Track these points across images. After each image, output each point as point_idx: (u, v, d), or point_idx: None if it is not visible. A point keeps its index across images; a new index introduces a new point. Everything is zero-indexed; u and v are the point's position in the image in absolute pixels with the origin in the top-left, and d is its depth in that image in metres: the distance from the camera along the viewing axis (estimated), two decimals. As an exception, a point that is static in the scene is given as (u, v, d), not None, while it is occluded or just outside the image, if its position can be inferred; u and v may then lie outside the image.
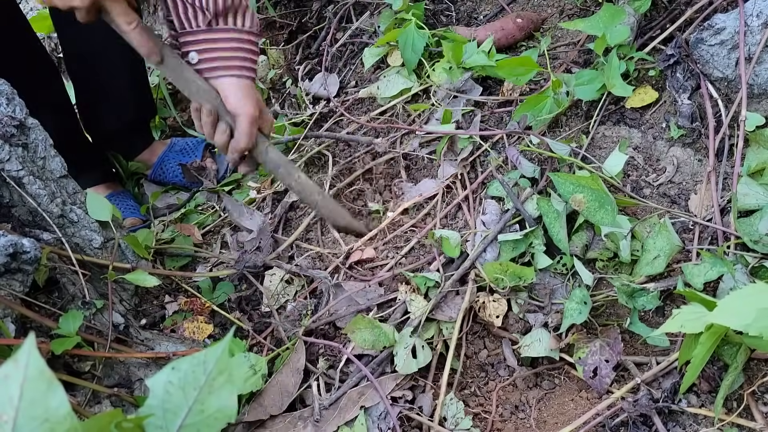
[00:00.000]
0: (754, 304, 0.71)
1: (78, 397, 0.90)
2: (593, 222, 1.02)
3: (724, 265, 0.92)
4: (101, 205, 1.06)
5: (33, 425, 0.37)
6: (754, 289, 0.74)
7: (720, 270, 0.93)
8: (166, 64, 0.92)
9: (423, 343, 1.01)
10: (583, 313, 0.96)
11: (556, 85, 1.19)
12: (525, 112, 1.20)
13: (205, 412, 0.39)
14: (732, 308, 0.72)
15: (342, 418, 0.96)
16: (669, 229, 0.99)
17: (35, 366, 0.37)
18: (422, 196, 1.25)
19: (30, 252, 0.88)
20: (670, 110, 1.15)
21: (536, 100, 1.20)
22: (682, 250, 0.99)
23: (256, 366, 1.02)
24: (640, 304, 0.96)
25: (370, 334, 1.00)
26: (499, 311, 1.03)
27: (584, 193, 1.03)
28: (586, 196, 1.02)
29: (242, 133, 0.93)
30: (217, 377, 0.39)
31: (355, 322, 1.00)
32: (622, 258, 0.99)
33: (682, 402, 0.88)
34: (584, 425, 0.91)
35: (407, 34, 1.36)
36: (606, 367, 0.94)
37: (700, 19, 1.19)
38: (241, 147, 0.94)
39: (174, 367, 0.40)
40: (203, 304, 1.16)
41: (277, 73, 1.71)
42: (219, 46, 0.94)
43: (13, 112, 0.99)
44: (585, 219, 1.03)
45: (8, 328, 0.84)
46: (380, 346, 1.00)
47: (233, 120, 0.93)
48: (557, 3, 1.43)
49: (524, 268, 1.02)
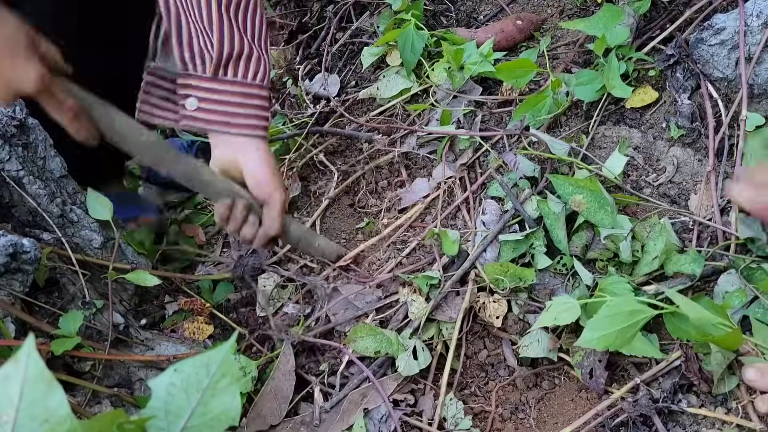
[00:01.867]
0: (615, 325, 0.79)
1: (78, 397, 0.90)
2: (593, 222, 1.02)
3: (699, 266, 0.94)
4: (101, 205, 1.06)
5: (33, 425, 0.37)
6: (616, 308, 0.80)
7: (694, 268, 0.94)
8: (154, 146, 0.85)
9: (423, 345, 1.01)
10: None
11: (555, 85, 1.19)
12: (524, 113, 1.20)
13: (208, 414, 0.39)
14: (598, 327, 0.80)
15: (345, 422, 0.95)
16: (668, 229, 0.99)
17: (35, 366, 0.37)
18: (422, 197, 1.25)
19: (30, 252, 0.88)
20: (670, 110, 1.15)
21: (535, 101, 1.19)
22: (681, 250, 0.99)
23: (246, 368, 1.02)
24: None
25: (373, 341, 0.99)
26: (499, 312, 1.03)
27: (583, 195, 1.03)
28: (585, 198, 1.03)
29: (274, 220, 0.87)
30: (220, 379, 0.39)
31: (356, 331, 1.00)
32: (623, 259, 0.99)
33: (682, 402, 0.88)
34: (584, 425, 0.91)
35: (406, 35, 1.36)
36: (599, 368, 0.94)
37: (700, 19, 1.19)
38: (272, 235, 0.88)
39: (177, 369, 0.40)
40: (203, 305, 1.16)
41: (277, 73, 1.71)
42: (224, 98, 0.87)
43: (13, 112, 0.99)
44: (585, 219, 1.03)
45: (8, 328, 0.84)
46: (384, 352, 0.99)
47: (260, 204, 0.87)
48: (557, 3, 1.43)
49: (525, 269, 1.02)
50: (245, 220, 0.89)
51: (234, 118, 0.87)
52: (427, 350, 1.01)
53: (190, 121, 0.89)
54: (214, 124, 0.87)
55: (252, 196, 0.89)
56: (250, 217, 0.89)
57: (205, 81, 0.87)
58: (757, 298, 0.89)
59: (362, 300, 1.11)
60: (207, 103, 0.87)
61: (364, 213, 1.32)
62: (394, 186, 1.33)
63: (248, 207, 0.88)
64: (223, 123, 0.87)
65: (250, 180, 0.88)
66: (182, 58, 0.87)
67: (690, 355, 0.89)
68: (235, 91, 0.87)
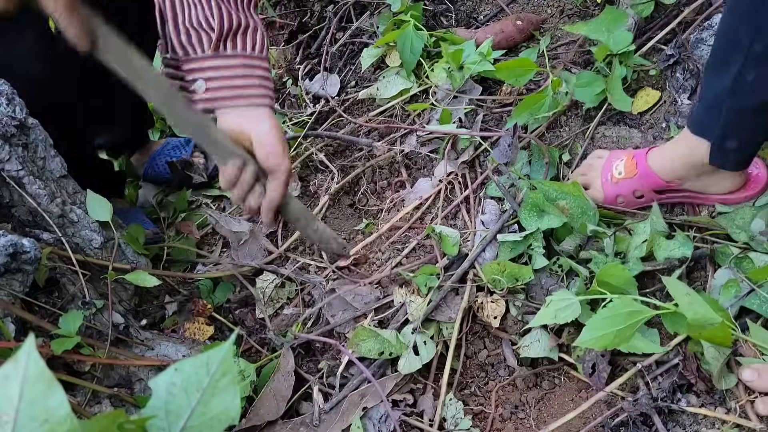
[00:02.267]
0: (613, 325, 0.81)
1: (78, 397, 0.90)
2: (575, 227, 1.03)
3: (688, 249, 0.95)
4: (101, 205, 1.06)
5: (33, 426, 0.37)
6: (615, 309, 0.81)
7: (685, 252, 0.95)
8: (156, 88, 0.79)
9: (425, 339, 1.00)
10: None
11: (555, 84, 1.19)
12: (523, 112, 1.20)
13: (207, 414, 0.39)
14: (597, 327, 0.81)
15: (344, 422, 0.95)
16: (656, 212, 1.00)
17: (35, 366, 0.37)
18: (422, 197, 1.25)
19: (30, 252, 0.88)
20: (670, 110, 1.15)
21: (534, 99, 1.20)
22: (669, 236, 1.00)
23: (245, 372, 1.02)
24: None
25: (375, 343, 0.99)
26: (497, 312, 1.03)
27: (567, 200, 1.04)
28: (568, 203, 1.04)
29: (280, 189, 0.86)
30: (220, 379, 0.39)
31: (358, 335, 1.00)
32: (607, 253, 1.00)
33: (682, 401, 0.88)
34: (584, 425, 0.91)
35: (406, 36, 1.36)
36: (602, 362, 0.94)
37: (701, 20, 1.19)
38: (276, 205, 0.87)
39: (177, 369, 0.40)
40: (205, 306, 1.16)
41: (277, 73, 1.71)
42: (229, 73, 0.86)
43: (13, 112, 0.99)
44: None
45: (8, 328, 0.84)
46: (387, 353, 0.99)
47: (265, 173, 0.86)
48: (557, 3, 1.43)
49: (522, 266, 1.02)
50: (252, 187, 0.87)
51: (241, 90, 0.87)
52: (430, 343, 1.00)
53: (203, 104, 0.88)
54: (224, 101, 0.87)
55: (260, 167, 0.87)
56: (257, 185, 0.87)
57: (208, 60, 0.86)
58: (753, 291, 0.89)
59: (360, 300, 1.11)
60: (213, 82, 0.86)
61: (364, 213, 1.32)
62: (395, 186, 1.33)
63: (257, 174, 0.86)
64: (232, 98, 0.87)
65: (259, 149, 0.86)
66: (180, 43, 0.87)
67: (688, 354, 0.89)
68: (238, 64, 0.87)
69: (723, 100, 0.86)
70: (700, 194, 1.02)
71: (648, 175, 1.02)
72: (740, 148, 0.90)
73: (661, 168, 1.01)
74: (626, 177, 1.04)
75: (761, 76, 0.81)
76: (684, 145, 0.97)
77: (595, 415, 0.93)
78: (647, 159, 1.03)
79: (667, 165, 1.00)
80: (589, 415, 0.94)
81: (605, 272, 0.92)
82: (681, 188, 1.02)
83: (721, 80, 0.85)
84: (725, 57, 0.84)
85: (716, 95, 0.87)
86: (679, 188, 1.03)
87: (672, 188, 1.03)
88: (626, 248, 1.01)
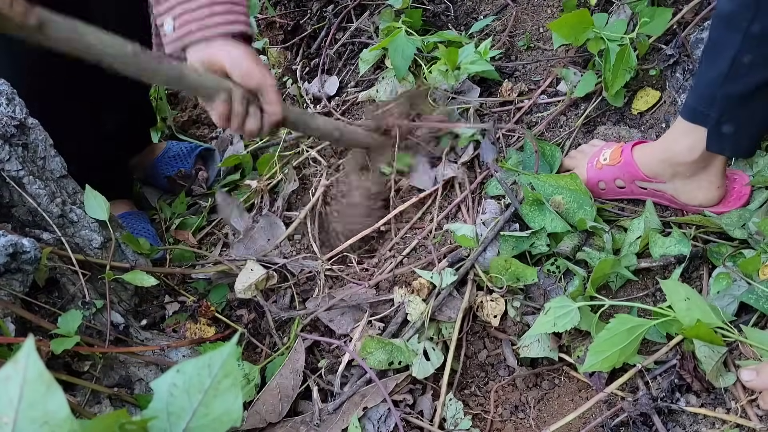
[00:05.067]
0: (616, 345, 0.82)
1: (78, 397, 0.90)
2: (572, 223, 1.02)
3: (686, 246, 0.96)
4: (98, 203, 1.05)
5: (33, 427, 0.37)
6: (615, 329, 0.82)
7: (682, 250, 0.96)
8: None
9: (433, 345, 1.00)
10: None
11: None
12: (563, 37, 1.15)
13: (209, 415, 0.39)
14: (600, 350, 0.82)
15: (345, 422, 0.95)
16: (650, 208, 1.01)
17: (35, 368, 0.37)
18: (421, 197, 1.24)
19: (30, 252, 0.88)
20: (670, 110, 1.15)
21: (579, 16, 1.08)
22: (662, 232, 1.00)
23: (250, 375, 1.02)
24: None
25: (383, 353, 0.98)
26: (497, 311, 1.03)
27: (563, 194, 1.04)
28: (564, 198, 1.03)
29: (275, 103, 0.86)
30: (222, 380, 0.39)
31: (366, 346, 0.99)
32: (606, 250, 1.00)
33: (681, 401, 0.88)
34: (584, 426, 0.91)
35: (396, 42, 1.35)
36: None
37: (700, 19, 1.19)
38: (275, 120, 0.87)
39: (178, 370, 0.40)
40: (208, 306, 1.16)
41: (276, 73, 1.71)
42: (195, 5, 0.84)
43: (13, 112, 0.99)
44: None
45: (8, 327, 0.84)
46: (397, 362, 0.99)
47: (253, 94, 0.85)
48: (557, 3, 1.43)
49: (527, 267, 1.01)
50: (246, 112, 0.86)
51: (209, 18, 0.84)
52: (438, 349, 1.00)
53: (173, 44, 0.86)
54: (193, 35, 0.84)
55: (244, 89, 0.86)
56: (250, 108, 0.86)
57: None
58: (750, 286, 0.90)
59: (358, 300, 1.10)
60: (180, 18, 0.84)
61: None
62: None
63: (246, 98, 0.85)
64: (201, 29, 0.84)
65: (236, 71, 0.85)
66: None
67: (685, 353, 0.89)
68: None
69: (718, 85, 0.86)
70: (677, 200, 1.03)
71: (629, 165, 1.03)
72: (737, 132, 0.90)
73: (641, 160, 1.02)
74: (610, 164, 1.06)
75: (758, 57, 0.81)
76: (664, 140, 0.99)
77: (595, 415, 0.93)
78: (633, 150, 1.04)
79: (647, 158, 1.02)
80: (589, 415, 0.94)
81: (600, 268, 0.92)
82: (662, 190, 1.03)
83: (717, 66, 0.86)
84: (723, 41, 0.84)
85: (710, 81, 0.88)
86: (660, 190, 1.03)
87: (654, 186, 1.03)
88: (621, 245, 1.01)
